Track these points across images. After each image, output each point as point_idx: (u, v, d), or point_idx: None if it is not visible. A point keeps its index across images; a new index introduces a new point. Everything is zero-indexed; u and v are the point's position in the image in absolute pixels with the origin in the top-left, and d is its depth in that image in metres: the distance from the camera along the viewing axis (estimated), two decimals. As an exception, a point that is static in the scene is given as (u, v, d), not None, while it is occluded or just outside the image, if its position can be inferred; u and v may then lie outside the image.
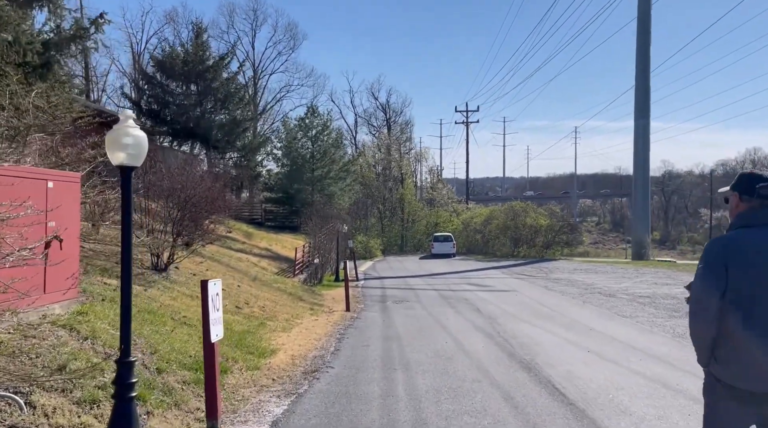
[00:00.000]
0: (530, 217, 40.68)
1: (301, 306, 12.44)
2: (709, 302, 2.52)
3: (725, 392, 2.55)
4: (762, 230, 2.56)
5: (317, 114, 32.50)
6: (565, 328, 10.57)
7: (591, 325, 10.92)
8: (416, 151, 57.33)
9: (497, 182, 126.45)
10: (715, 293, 2.50)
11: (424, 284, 20.86)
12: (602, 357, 7.88)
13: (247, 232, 24.06)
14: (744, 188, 2.68)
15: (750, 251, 2.53)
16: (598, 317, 12.10)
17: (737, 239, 2.59)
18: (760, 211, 2.61)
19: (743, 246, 2.55)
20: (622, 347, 8.63)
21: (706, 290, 2.53)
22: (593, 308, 13.64)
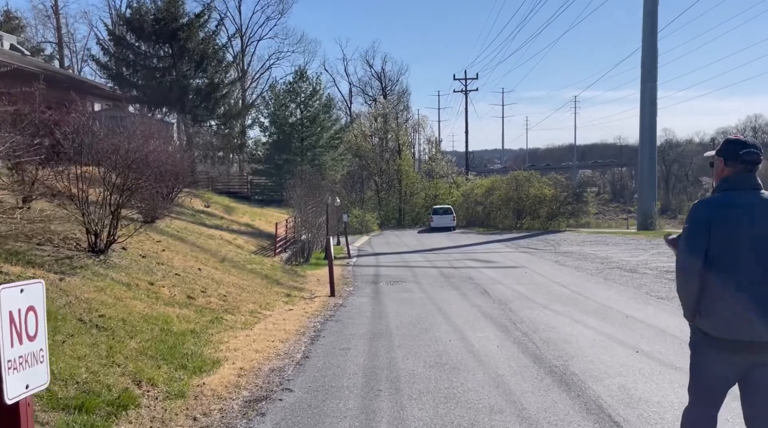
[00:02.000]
0: (534, 187, 38.54)
1: (276, 292, 10.45)
2: (693, 259, 2.74)
3: (711, 343, 2.75)
4: (744, 193, 2.75)
5: (306, 78, 30.11)
6: (595, 316, 8.58)
7: (625, 311, 8.94)
8: (414, 120, 54.83)
9: (496, 154, 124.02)
10: (699, 252, 2.72)
11: (422, 260, 18.89)
12: (662, 362, 5.88)
13: (227, 206, 21.98)
14: (729, 153, 2.80)
15: (732, 212, 2.71)
16: (629, 299, 10.12)
17: (720, 201, 2.78)
18: (743, 175, 2.77)
19: (726, 208, 2.73)
20: (679, 345, 6.64)
21: (691, 248, 2.75)
22: (619, 287, 11.66)
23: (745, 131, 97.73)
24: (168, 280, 8.68)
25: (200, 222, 16.30)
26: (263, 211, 23.57)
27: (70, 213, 8.58)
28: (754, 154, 2.75)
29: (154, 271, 8.92)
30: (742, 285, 2.66)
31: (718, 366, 2.76)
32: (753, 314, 2.63)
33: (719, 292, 2.69)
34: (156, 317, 6.69)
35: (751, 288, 2.65)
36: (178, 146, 17.20)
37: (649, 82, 39.64)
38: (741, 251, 2.68)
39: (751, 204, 2.73)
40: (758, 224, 2.70)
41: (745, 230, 2.68)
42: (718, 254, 2.70)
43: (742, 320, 2.64)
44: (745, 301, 2.64)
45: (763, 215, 2.71)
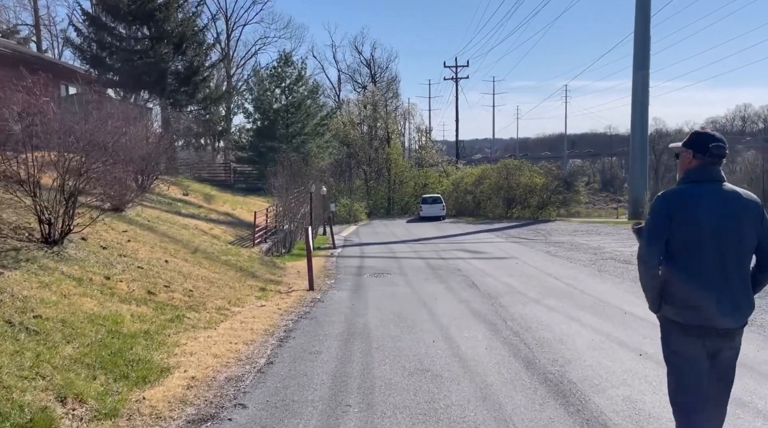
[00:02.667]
0: (525, 175, 37.92)
1: (249, 286, 9.74)
2: (654, 250, 2.83)
3: (678, 330, 2.82)
4: (708, 185, 2.82)
5: (291, 63, 29.09)
6: (592, 312, 7.96)
7: (623, 306, 8.34)
8: (403, 108, 53.93)
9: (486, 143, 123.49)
10: (660, 243, 2.81)
11: (410, 251, 18.23)
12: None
13: (208, 195, 21.14)
14: (698, 146, 2.86)
15: (695, 204, 2.78)
16: (626, 293, 9.52)
17: (683, 193, 2.85)
18: (710, 168, 2.84)
19: (689, 199, 2.80)
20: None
21: (652, 239, 2.84)
22: (614, 279, 11.07)
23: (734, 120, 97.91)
24: (128, 274, 7.94)
25: (176, 211, 15.51)
26: (246, 200, 22.76)
27: (17, 199, 7.80)
28: (722, 148, 2.84)
29: (114, 264, 8.17)
30: (704, 274, 2.74)
31: (688, 348, 2.82)
32: (715, 302, 2.73)
33: (683, 281, 2.78)
34: (105, 317, 5.97)
35: (713, 277, 2.74)
36: (153, 131, 16.33)
37: (641, 70, 39.04)
38: (704, 242, 2.75)
39: (715, 196, 2.81)
40: (720, 215, 2.77)
41: (708, 222, 2.75)
42: (681, 245, 2.78)
43: (704, 307, 2.73)
44: (707, 289, 2.73)
45: (725, 207, 2.79)
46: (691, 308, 2.77)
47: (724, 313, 2.75)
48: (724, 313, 2.75)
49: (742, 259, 2.81)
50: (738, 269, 2.79)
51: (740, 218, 2.79)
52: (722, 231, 2.75)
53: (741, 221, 2.79)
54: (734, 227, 2.77)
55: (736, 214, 2.79)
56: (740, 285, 2.79)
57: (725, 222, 2.76)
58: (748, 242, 2.80)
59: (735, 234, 2.77)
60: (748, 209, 2.82)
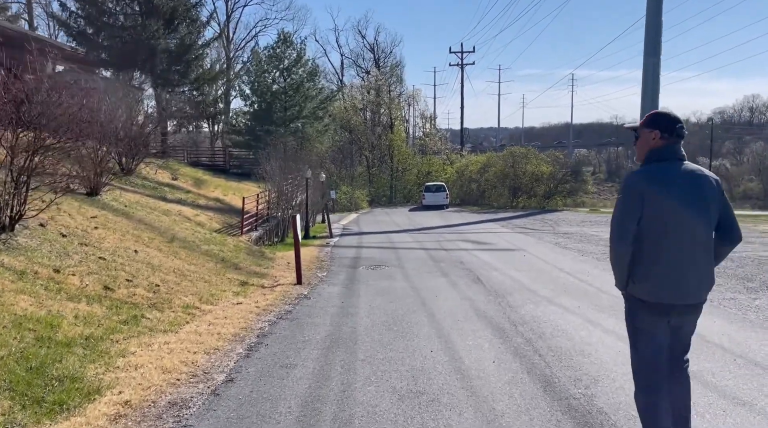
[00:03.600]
0: (531, 164, 36.80)
1: (228, 280, 8.75)
2: (627, 228, 2.86)
3: (643, 307, 2.88)
4: (673, 163, 2.90)
5: (290, 43, 27.92)
6: (614, 315, 6.95)
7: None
8: (407, 94, 52.58)
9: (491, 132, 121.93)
10: (632, 221, 2.84)
11: (411, 241, 17.24)
12: (723, 393, 4.25)
13: (199, 179, 20.14)
14: (665, 126, 2.93)
15: (664, 181, 2.83)
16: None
17: (652, 172, 2.88)
18: (674, 147, 2.92)
19: (658, 178, 2.85)
20: (734, 363, 5.02)
21: (624, 217, 2.87)
22: (633, 276, 10.06)
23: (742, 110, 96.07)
24: (85, 266, 6.96)
25: (160, 196, 14.53)
26: (239, 185, 21.75)
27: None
28: (684, 130, 2.95)
29: (71, 254, 7.19)
30: (672, 252, 2.80)
31: (653, 327, 2.89)
32: (682, 279, 2.81)
33: (652, 259, 2.82)
34: (39, 319, 4.99)
35: (681, 255, 2.81)
36: (140, 111, 15.33)
37: (652, 57, 37.45)
38: (674, 220, 2.80)
39: (683, 174, 2.86)
40: (689, 193, 2.83)
41: (678, 199, 2.80)
42: (651, 223, 2.81)
43: (673, 285, 2.80)
44: (675, 267, 2.80)
45: (693, 184, 2.84)
46: (660, 286, 2.82)
47: (691, 289, 2.83)
48: (692, 289, 2.83)
49: (708, 235, 2.88)
50: (705, 246, 2.86)
51: (707, 195, 2.86)
52: (692, 209, 2.81)
53: (708, 199, 2.86)
54: (703, 204, 2.84)
55: (704, 191, 2.86)
56: (706, 261, 2.87)
57: (695, 200, 2.82)
58: (713, 218, 2.88)
59: (703, 211, 2.84)
60: (710, 185, 2.88)
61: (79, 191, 11.19)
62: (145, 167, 17.27)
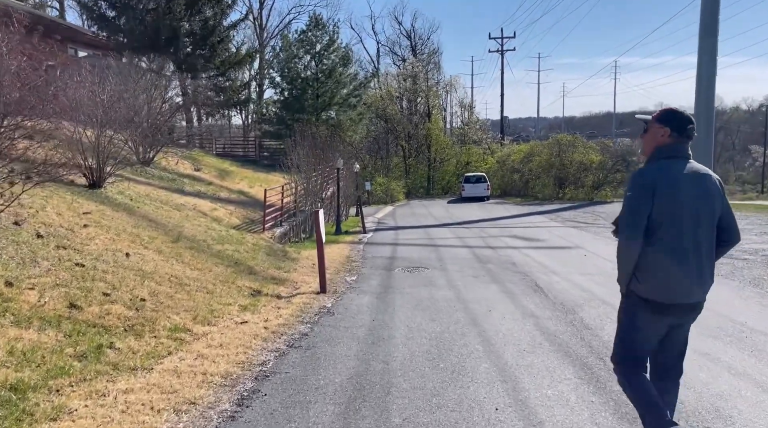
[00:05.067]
0: (579, 152, 34.39)
1: (238, 288, 7.29)
2: (637, 223, 2.78)
3: (646, 306, 2.84)
4: (681, 161, 2.85)
5: (322, 26, 26.41)
6: (738, 346, 5.19)
7: (748, 323, 5.55)
8: (445, 81, 50.44)
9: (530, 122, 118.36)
10: (643, 216, 2.77)
11: (452, 237, 15.58)
12: None
13: (224, 170, 18.90)
14: (677, 126, 2.86)
15: (672, 179, 2.79)
16: (760, 306, 6.67)
17: (663, 169, 2.83)
18: (682, 146, 2.87)
19: (668, 175, 2.80)
20: None
21: (635, 212, 2.80)
22: (730, 283, 8.20)
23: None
24: (53, 275, 5.60)
25: (177, 188, 13.26)
26: (268, 177, 20.42)
27: None
28: (690, 129, 2.86)
29: (39, 260, 5.85)
30: (677, 250, 2.76)
31: (650, 326, 2.88)
32: (689, 278, 2.78)
33: (658, 257, 2.77)
34: (-49, 359, 3.60)
35: (686, 253, 2.76)
36: (159, 96, 14.11)
37: (710, 38, 34.37)
38: (682, 218, 2.76)
39: (690, 173, 2.82)
40: (696, 192, 2.79)
41: (686, 198, 2.77)
42: (661, 221, 2.76)
43: (677, 283, 2.78)
44: (680, 265, 2.76)
45: (700, 184, 2.81)
46: (665, 284, 2.79)
47: (694, 288, 2.81)
48: (694, 288, 2.81)
49: (711, 235, 2.85)
50: (708, 245, 2.84)
51: (712, 194, 2.83)
52: (699, 207, 2.79)
53: (712, 198, 2.83)
54: (708, 203, 2.82)
55: (709, 190, 2.83)
56: (709, 260, 2.85)
57: (701, 199, 2.80)
58: (715, 218, 2.85)
59: (709, 211, 2.82)
60: (713, 185, 2.85)
61: (79, 182, 9.97)
62: (165, 157, 16.09)
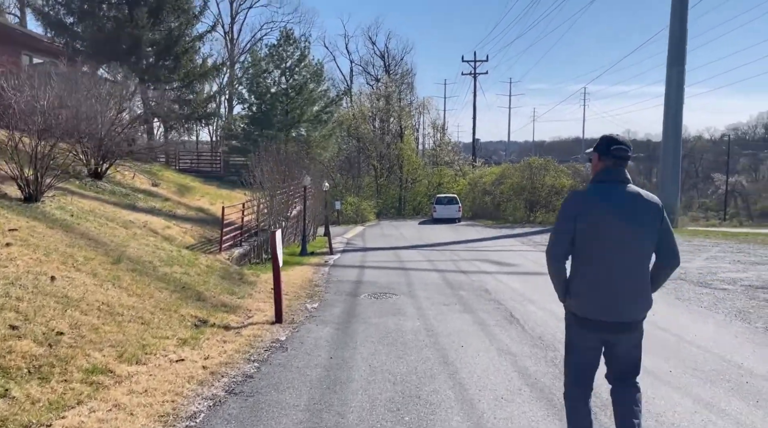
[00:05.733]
0: (550, 176, 34.47)
1: (181, 317, 6.47)
2: (559, 246, 2.98)
3: (577, 321, 3.01)
4: (612, 185, 2.94)
5: (293, 41, 25.83)
6: (737, 393, 4.62)
7: (745, 364, 5.02)
8: (418, 102, 50.38)
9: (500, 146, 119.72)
10: (565, 239, 2.95)
11: (422, 259, 14.94)
12: None
13: (184, 186, 17.97)
14: (602, 149, 3.01)
15: (599, 203, 2.91)
16: (755, 346, 6.15)
17: (588, 193, 3.00)
18: (613, 169, 2.97)
19: (593, 199, 2.94)
20: None
21: (558, 235, 3.00)
22: (714, 315, 7.71)
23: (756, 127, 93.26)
24: (-49, 304, 4.72)
25: (129, 204, 12.33)
26: (231, 194, 19.53)
27: None
28: (622, 150, 2.96)
29: (-62, 285, 4.95)
30: (602, 271, 2.87)
31: (583, 341, 3.02)
32: (612, 297, 2.88)
33: (583, 276, 2.93)
34: None
35: (611, 274, 2.87)
36: (114, 106, 13.23)
37: (677, 66, 35.23)
38: (604, 240, 2.86)
39: (618, 196, 2.91)
40: (622, 214, 2.87)
41: (609, 221, 2.85)
42: (582, 241, 2.90)
43: (601, 302, 2.88)
44: (605, 285, 2.88)
45: (627, 207, 2.88)
46: (590, 302, 2.91)
47: (621, 309, 2.88)
48: (621, 308, 2.88)
49: (642, 257, 2.90)
50: (637, 267, 2.89)
51: (641, 218, 2.87)
52: (623, 231, 2.84)
53: (641, 221, 2.87)
54: (635, 226, 2.86)
55: (637, 214, 2.87)
56: (639, 282, 2.90)
57: (626, 222, 2.85)
58: (648, 241, 2.89)
59: (635, 234, 2.86)
60: (649, 209, 2.90)
61: (14, 194, 9.03)
62: (119, 171, 15.14)
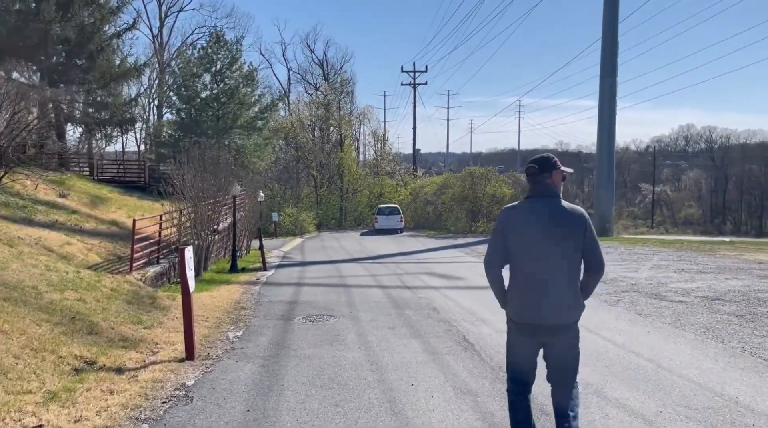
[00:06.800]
0: (491, 185, 34.24)
1: (58, 360, 5.11)
2: (492, 256, 3.28)
3: (514, 326, 3.27)
4: (540, 200, 3.19)
5: (224, 43, 24.30)
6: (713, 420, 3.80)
7: (741, 399, 4.27)
8: (358, 111, 49.43)
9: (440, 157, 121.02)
10: (497, 250, 3.24)
11: (364, 274, 13.88)
12: None
13: (98, 197, 16.16)
14: (526, 169, 3.31)
15: (521, 217, 3.19)
16: (737, 370, 5.44)
17: (517, 209, 3.25)
18: (536, 186, 3.23)
19: (519, 213, 3.21)
20: None
21: (491, 247, 3.30)
22: (686, 335, 7.05)
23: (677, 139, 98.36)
24: None
25: (23, 217, 10.64)
26: (154, 206, 17.76)
27: None
28: (529, 167, 3.27)
29: None
30: (529, 278, 3.12)
31: (520, 344, 3.27)
32: (538, 303, 3.11)
33: (515, 284, 3.19)
34: None
35: (537, 281, 3.11)
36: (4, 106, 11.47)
37: (609, 77, 36.07)
38: (529, 249, 3.12)
39: (543, 210, 3.14)
40: (546, 227, 3.11)
41: (532, 231, 3.11)
42: (513, 252, 3.17)
43: (530, 307, 3.13)
44: (531, 292, 3.12)
45: (551, 220, 3.11)
46: (522, 308, 3.16)
47: (549, 312, 3.09)
48: (550, 312, 3.09)
49: (568, 265, 3.10)
50: (563, 274, 3.09)
51: (564, 229, 3.09)
52: (547, 241, 3.08)
53: (565, 232, 3.09)
54: (558, 237, 3.08)
55: (561, 226, 3.09)
56: (566, 288, 3.09)
57: (550, 233, 3.08)
58: (572, 250, 3.09)
59: (559, 244, 3.08)
60: (572, 221, 3.12)
61: None
62: (20, 181, 13.29)
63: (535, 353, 3.27)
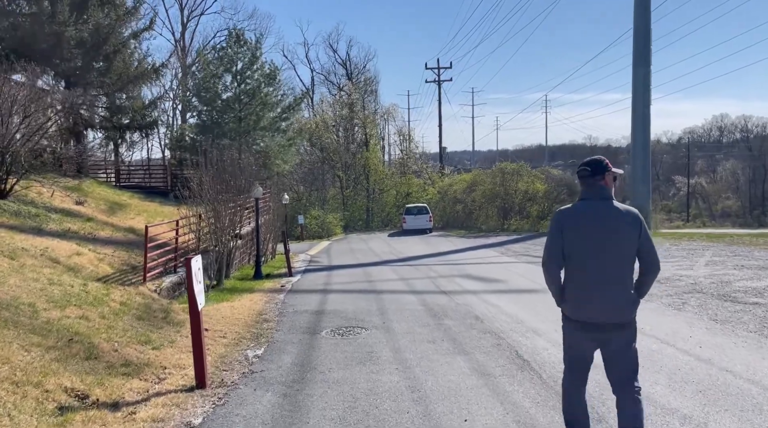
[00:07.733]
0: (524, 181, 32.96)
1: (45, 393, 4.34)
2: (551, 257, 3.34)
3: (571, 324, 3.33)
4: (593, 202, 3.27)
5: (243, 42, 23.68)
6: None
7: None
8: (383, 109, 48.54)
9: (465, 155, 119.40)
10: (556, 251, 3.31)
11: (395, 278, 12.96)
12: None
13: (117, 204, 15.58)
14: (578, 172, 3.40)
15: (577, 218, 3.28)
16: None
17: (572, 209, 3.34)
18: (586, 189, 3.33)
19: (574, 215, 3.30)
20: None
21: (550, 247, 3.36)
22: (746, 334, 5.95)
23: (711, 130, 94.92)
24: None
25: (33, 227, 10.01)
26: (175, 211, 17.18)
27: None
28: (581, 170, 3.35)
29: None
30: (587, 278, 3.20)
31: (576, 341, 3.34)
32: (593, 301, 3.19)
33: (571, 282, 3.28)
34: None
35: (594, 280, 3.18)
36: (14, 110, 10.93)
37: (643, 67, 34.34)
38: (587, 250, 3.21)
39: (597, 211, 3.23)
40: (601, 227, 3.20)
41: (589, 233, 3.21)
42: (571, 252, 3.26)
43: (585, 305, 3.22)
44: (587, 291, 3.21)
45: (606, 220, 3.20)
46: (578, 306, 3.25)
47: (602, 310, 3.17)
48: (604, 310, 3.17)
49: (622, 265, 3.18)
50: (618, 273, 3.17)
51: (619, 229, 3.17)
52: (602, 241, 3.17)
53: (620, 233, 3.17)
54: (613, 237, 3.17)
55: (615, 226, 3.18)
56: (620, 287, 3.17)
57: (605, 234, 3.17)
58: (627, 250, 3.18)
59: (614, 244, 3.16)
60: (627, 221, 3.19)
61: None
62: (38, 187, 12.77)
63: (591, 349, 3.31)
